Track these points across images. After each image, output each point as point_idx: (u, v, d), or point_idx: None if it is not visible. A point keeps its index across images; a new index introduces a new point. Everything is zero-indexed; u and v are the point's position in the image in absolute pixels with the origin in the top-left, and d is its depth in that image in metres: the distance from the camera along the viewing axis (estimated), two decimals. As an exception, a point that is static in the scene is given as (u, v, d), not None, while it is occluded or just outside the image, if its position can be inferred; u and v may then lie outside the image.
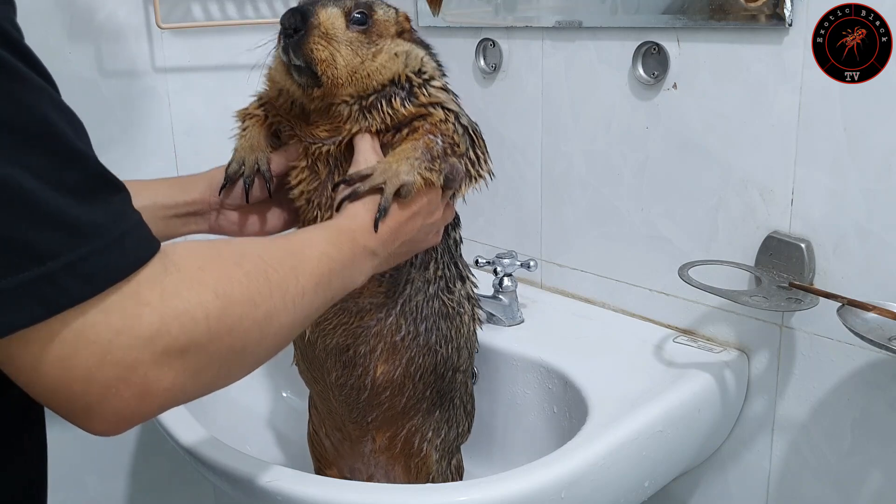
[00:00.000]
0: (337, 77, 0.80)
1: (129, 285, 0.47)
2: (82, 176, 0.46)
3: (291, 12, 0.80)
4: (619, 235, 1.08)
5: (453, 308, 0.91)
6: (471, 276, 0.95)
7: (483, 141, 0.88)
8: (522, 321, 1.10)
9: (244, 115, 0.90)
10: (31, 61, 0.46)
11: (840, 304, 0.81)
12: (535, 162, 1.16)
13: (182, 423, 0.86)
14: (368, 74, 0.81)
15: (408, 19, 0.88)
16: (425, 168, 0.79)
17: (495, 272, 1.08)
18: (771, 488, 0.98)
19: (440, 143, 0.81)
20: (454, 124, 0.83)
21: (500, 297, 1.09)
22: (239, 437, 1.10)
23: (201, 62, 1.19)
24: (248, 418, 1.13)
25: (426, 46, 0.90)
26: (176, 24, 1.15)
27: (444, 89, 0.86)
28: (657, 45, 0.98)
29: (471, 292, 0.95)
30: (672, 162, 1.00)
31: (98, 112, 1.10)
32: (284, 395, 1.19)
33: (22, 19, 0.52)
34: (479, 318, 0.96)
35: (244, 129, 0.89)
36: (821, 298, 0.84)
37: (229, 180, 0.85)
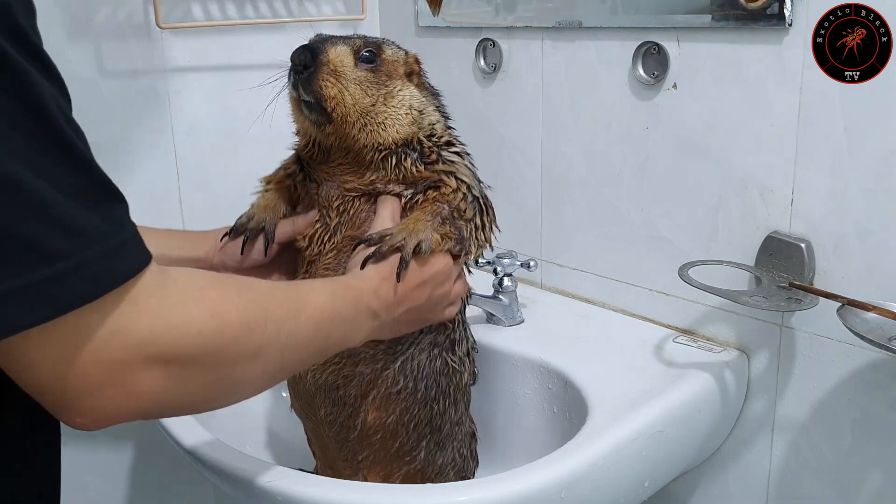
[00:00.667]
0: (346, 114, 0.81)
1: (129, 291, 0.48)
2: (89, 183, 0.47)
3: (301, 49, 0.81)
4: (619, 235, 1.08)
5: (455, 367, 0.91)
6: (471, 335, 0.96)
7: (492, 210, 0.90)
8: (522, 321, 1.10)
9: (268, 180, 0.92)
10: (49, 69, 0.47)
11: (840, 304, 0.81)
12: (535, 162, 1.16)
13: (182, 423, 0.86)
14: (382, 121, 0.83)
15: (417, 61, 0.89)
16: (439, 228, 0.82)
17: (495, 272, 1.08)
18: (771, 488, 0.98)
19: (447, 208, 0.84)
20: (465, 193, 0.85)
21: (500, 297, 1.09)
22: (239, 437, 1.10)
23: (201, 62, 1.19)
24: (248, 418, 1.13)
25: (435, 95, 0.92)
26: (176, 24, 1.14)
27: (459, 154, 0.88)
28: (657, 45, 0.98)
29: (471, 349, 0.95)
30: (672, 162, 1.00)
31: (98, 112, 1.10)
32: (284, 394, 1.18)
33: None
34: (476, 374, 0.96)
35: (266, 191, 0.91)
36: (821, 298, 0.84)
37: (234, 231, 0.87)
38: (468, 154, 0.90)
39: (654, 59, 0.99)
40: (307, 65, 0.80)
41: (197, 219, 1.21)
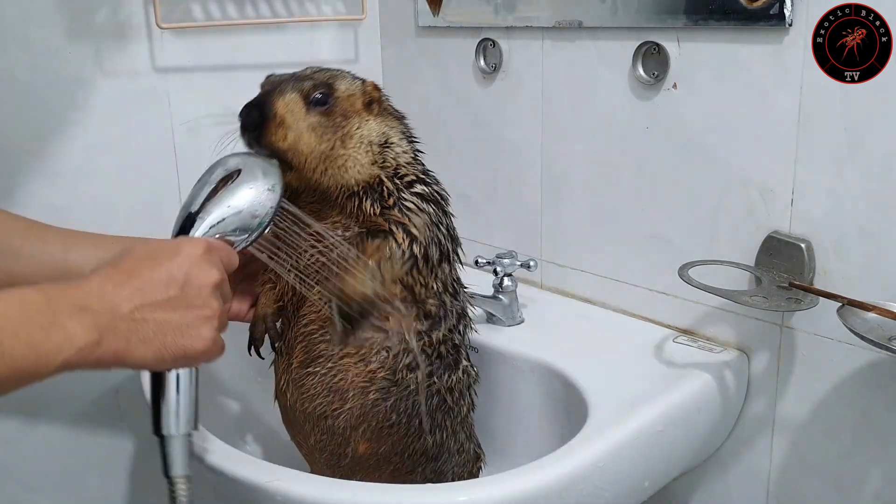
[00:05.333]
0: (306, 162, 0.80)
1: None
2: None
3: (248, 108, 0.79)
4: (619, 235, 1.08)
5: (454, 402, 0.90)
6: (474, 369, 0.94)
7: (435, 265, 0.85)
8: (522, 321, 1.10)
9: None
10: None
11: (840, 304, 0.81)
12: (535, 162, 1.16)
13: (182, 423, 0.86)
14: (342, 164, 0.82)
15: (376, 88, 0.87)
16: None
17: (495, 272, 1.08)
18: (771, 488, 0.98)
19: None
20: (403, 251, 0.82)
21: (500, 297, 1.08)
22: (239, 438, 1.10)
23: (201, 62, 1.19)
24: (248, 418, 1.13)
25: (400, 119, 0.89)
26: (176, 24, 1.14)
27: (422, 196, 0.85)
28: (657, 45, 0.98)
29: (472, 382, 0.94)
30: (672, 162, 1.00)
31: (98, 112, 1.10)
32: (284, 395, 1.18)
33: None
34: (477, 373, 0.95)
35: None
36: (821, 298, 0.84)
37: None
38: (433, 186, 0.88)
39: (654, 59, 0.99)
40: (256, 124, 0.79)
41: (197, 219, 1.21)
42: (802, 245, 0.89)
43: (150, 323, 0.61)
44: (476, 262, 1.09)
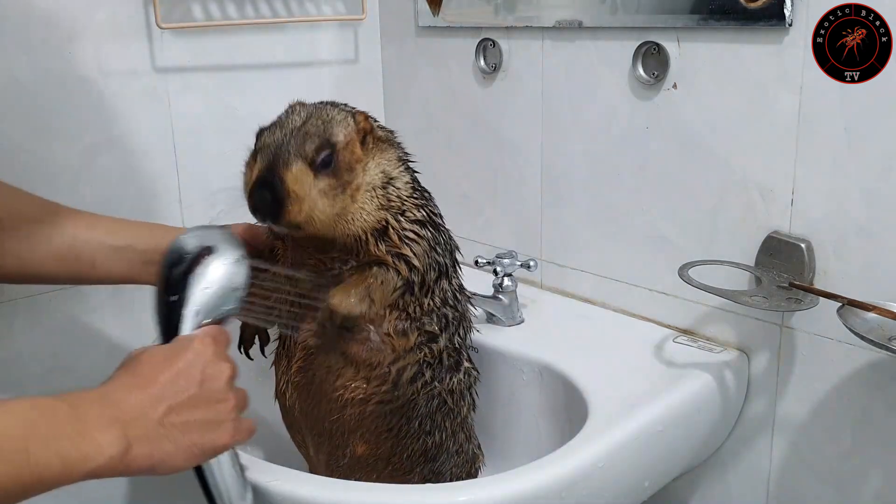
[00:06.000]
0: (323, 227, 0.79)
1: None
2: None
3: (259, 192, 0.77)
4: (619, 235, 1.08)
5: (454, 403, 0.90)
6: (475, 368, 0.94)
7: (432, 285, 0.85)
8: (522, 321, 1.10)
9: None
10: None
11: (840, 304, 0.81)
12: (535, 162, 1.16)
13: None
14: (351, 219, 0.80)
15: (366, 118, 0.84)
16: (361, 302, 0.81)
17: (495, 272, 1.08)
18: (771, 488, 0.98)
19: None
20: (400, 281, 0.82)
21: (500, 297, 1.09)
22: (239, 437, 1.10)
23: (201, 62, 1.19)
24: (248, 418, 1.12)
25: (392, 142, 0.86)
26: (176, 24, 1.14)
27: (423, 224, 0.84)
28: (657, 45, 0.98)
29: (473, 382, 0.93)
30: (672, 162, 1.00)
31: (98, 112, 1.10)
32: (284, 395, 1.18)
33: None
34: (477, 372, 0.95)
35: None
36: (821, 298, 0.84)
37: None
38: (427, 205, 0.86)
39: (654, 59, 0.99)
40: (273, 210, 0.76)
41: (197, 219, 1.21)
42: (802, 245, 0.89)
43: (178, 426, 0.63)
44: (476, 262, 1.09)
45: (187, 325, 0.69)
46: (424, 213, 0.85)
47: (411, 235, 0.83)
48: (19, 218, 0.82)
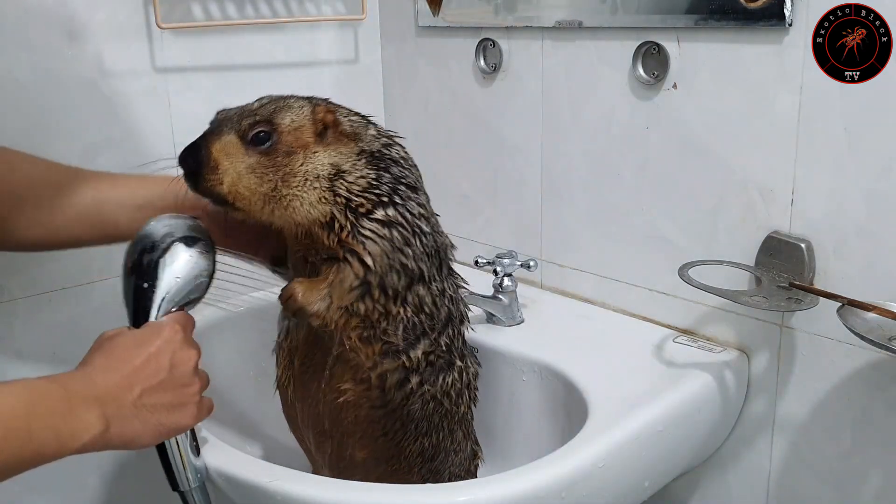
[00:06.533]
0: (248, 203, 0.78)
1: None
2: None
3: (186, 152, 0.78)
4: (619, 235, 1.08)
5: (452, 403, 0.89)
6: (472, 363, 0.93)
7: (400, 291, 0.82)
8: (522, 321, 1.10)
9: None
10: None
11: (840, 304, 0.81)
12: (535, 162, 1.16)
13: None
14: (287, 204, 0.78)
15: (329, 111, 0.81)
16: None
17: (495, 272, 1.08)
18: (771, 488, 0.98)
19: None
20: (356, 279, 0.80)
21: (500, 297, 1.08)
22: (239, 437, 1.10)
23: (201, 62, 1.19)
24: (248, 418, 1.13)
25: (357, 137, 0.82)
26: (176, 24, 1.14)
27: (382, 222, 0.80)
28: (657, 45, 0.98)
29: (472, 379, 0.92)
30: (672, 162, 1.00)
31: (98, 112, 1.10)
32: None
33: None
34: (476, 398, 0.94)
35: None
36: (821, 298, 0.84)
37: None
38: (400, 206, 0.82)
39: (654, 59, 0.99)
40: (193, 170, 0.77)
41: (197, 219, 1.21)
42: (802, 245, 0.89)
43: (149, 407, 0.69)
44: (476, 262, 1.09)
45: (156, 311, 0.74)
46: (393, 213, 0.81)
47: (368, 234, 0.80)
48: (40, 186, 0.84)
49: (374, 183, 0.81)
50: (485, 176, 1.24)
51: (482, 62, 1.20)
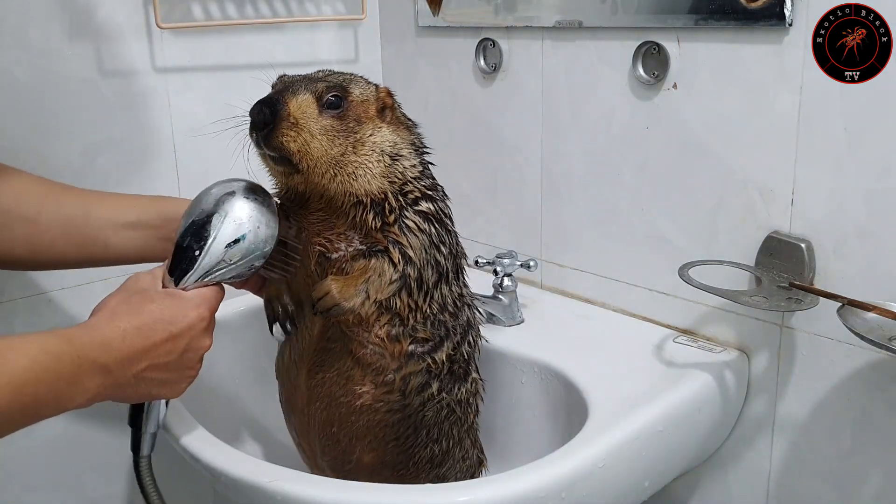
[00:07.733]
0: (314, 166, 0.78)
1: None
2: None
3: (260, 105, 0.78)
4: (619, 235, 1.08)
5: (462, 412, 0.90)
6: (480, 377, 0.94)
7: (430, 288, 0.84)
8: (522, 321, 1.10)
9: None
10: None
11: (840, 304, 0.81)
12: (535, 162, 1.16)
13: (182, 423, 0.86)
14: (352, 171, 0.79)
15: (389, 94, 0.85)
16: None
17: (495, 272, 1.08)
18: (771, 488, 0.98)
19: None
20: (394, 273, 0.81)
21: (500, 297, 1.09)
22: (239, 438, 1.10)
23: (201, 62, 1.19)
24: (248, 418, 1.13)
25: (411, 128, 0.87)
26: (176, 24, 1.14)
27: (425, 214, 0.83)
28: (657, 45, 0.98)
29: (479, 389, 0.93)
30: (672, 162, 1.00)
31: (98, 112, 1.10)
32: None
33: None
34: (480, 409, 0.95)
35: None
36: (821, 298, 0.84)
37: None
38: (439, 203, 0.85)
39: (654, 59, 0.99)
40: (267, 122, 0.77)
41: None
42: (802, 245, 0.89)
43: (146, 380, 0.71)
44: (476, 262, 1.09)
45: (194, 277, 0.75)
46: (434, 209, 0.84)
47: (412, 225, 0.82)
48: (26, 199, 0.83)
49: (422, 175, 0.84)
50: (485, 176, 1.25)
51: (482, 62, 1.20)
